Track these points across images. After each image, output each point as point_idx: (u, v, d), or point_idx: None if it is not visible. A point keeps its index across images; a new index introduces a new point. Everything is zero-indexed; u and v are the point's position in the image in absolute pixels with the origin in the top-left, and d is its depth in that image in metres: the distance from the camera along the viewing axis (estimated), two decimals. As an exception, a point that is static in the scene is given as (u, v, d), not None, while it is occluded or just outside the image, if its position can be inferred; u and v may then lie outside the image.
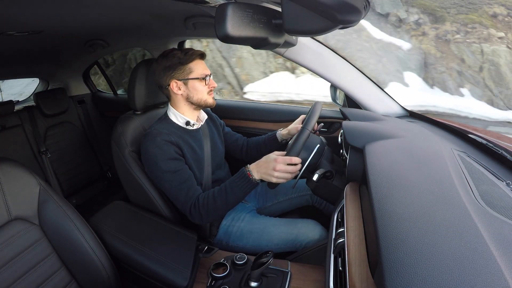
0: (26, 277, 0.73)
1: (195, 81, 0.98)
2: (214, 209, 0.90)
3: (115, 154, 1.07)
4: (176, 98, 1.01)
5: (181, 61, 0.96)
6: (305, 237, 0.99)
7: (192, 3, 0.87)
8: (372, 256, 0.55)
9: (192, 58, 0.97)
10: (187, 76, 0.97)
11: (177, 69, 0.96)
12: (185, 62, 0.96)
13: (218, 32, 0.60)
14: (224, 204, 0.89)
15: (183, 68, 0.97)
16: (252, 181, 0.86)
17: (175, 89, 0.98)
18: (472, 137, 0.93)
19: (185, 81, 0.98)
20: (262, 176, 0.86)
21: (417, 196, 0.56)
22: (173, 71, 0.96)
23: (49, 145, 1.92)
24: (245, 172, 0.87)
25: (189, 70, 0.97)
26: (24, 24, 0.96)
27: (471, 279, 0.37)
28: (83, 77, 2.21)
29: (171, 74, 0.97)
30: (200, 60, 1.00)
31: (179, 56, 0.96)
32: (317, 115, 0.95)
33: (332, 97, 1.46)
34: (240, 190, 0.87)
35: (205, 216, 0.91)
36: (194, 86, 0.98)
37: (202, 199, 0.91)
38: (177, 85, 0.98)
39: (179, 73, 0.97)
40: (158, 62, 0.98)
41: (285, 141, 1.20)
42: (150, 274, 0.85)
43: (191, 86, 0.98)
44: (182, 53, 0.97)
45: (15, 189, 0.76)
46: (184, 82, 0.98)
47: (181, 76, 0.97)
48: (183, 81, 0.98)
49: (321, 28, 0.60)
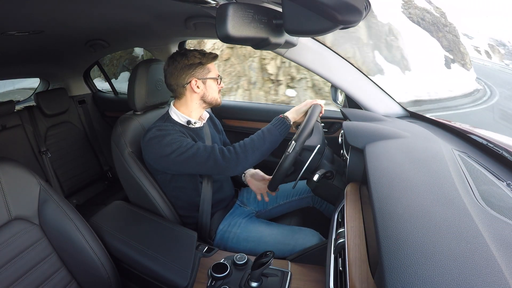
0: (26, 277, 0.73)
1: (212, 80, 1.03)
2: (252, 148, 0.93)
3: (115, 155, 1.07)
4: (191, 96, 1.03)
5: (201, 61, 1.00)
6: (302, 247, 0.97)
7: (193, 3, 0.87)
8: (372, 256, 0.55)
9: (210, 59, 1.02)
10: (206, 75, 1.02)
11: (198, 68, 1.00)
12: (205, 62, 1.01)
13: (218, 32, 0.61)
14: (262, 143, 0.94)
15: (203, 68, 1.01)
16: (286, 122, 0.98)
17: (194, 87, 1.01)
18: (472, 137, 0.93)
19: (204, 80, 1.02)
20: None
21: (417, 196, 0.56)
22: (194, 70, 1.00)
23: (50, 145, 1.92)
24: (279, 117, 1.00)
25: (208, 70, 1.02)
26: (25, 24, 0.96)
27: (472, 279, 0.37)
28: (83, 77, 2.22)
29: (191, 72, 1.00)
30: (214, 62, 1.05)
31: (199, 56, 1.00)
32: (311, 124, 0.96)
33: (332, 97, 1.46)
34: (276, 129, 0.96)
35: (242, 156, 0.92)
36: (211, 85, 1.04)
37: (238, 144, 0.95)
38: (196, 84, 1.01)
39: (199, 72, 1.01)
40: (176, 61, 1.00)
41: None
42: (150, 274, 0.85)
43: (208, 85, 1.03)
44: (200, 53, 1.01)
45: (16, 189, 0.76)
46: (203, 81, 1.01)
47: (201, 75, 1.01)
48: (202, 80, 1.01)
49: (322, 29, 0.60)
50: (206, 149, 0.93)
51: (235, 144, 0.95)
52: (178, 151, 0.92)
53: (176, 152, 0.92)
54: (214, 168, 0.93)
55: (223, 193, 1.14)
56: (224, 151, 0.93)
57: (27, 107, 1.92)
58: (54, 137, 1.95)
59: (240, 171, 0.94)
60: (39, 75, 2.15)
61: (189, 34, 1.46)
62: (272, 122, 0.99)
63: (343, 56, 1.28)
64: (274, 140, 0.96)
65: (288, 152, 0.92)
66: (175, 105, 1.05)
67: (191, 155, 0.92)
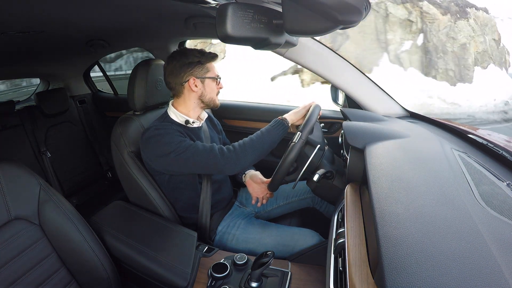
0: (26, 277, 0.73)
1: (210, 80, 1.03)
2: (251, 147, 0.94)
3: (114, 155, 1.07)
4: (189, 95, 1.03)
5: (200, 60, 1.00)
6: (302, 248, 0.97)
7: (193, 3, 0.87)
8: (372, 256, 0.55)
9: (209, 59, 1.02)
10: (205, 74, 1.01)
11: (196, 67, 1.00)
12: (204, 61, 1.01)
13: (218, 32, 0.61)
14: (261, 144, 0.95)
15: (202, 67, 1.01)
16: (285, 124, 1.00)
17: (192, 86, 1.00)
18: (472, 137, 0.93)
19: (202, 79, 1.01)
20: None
21: (417, 196, 0.56)
22: (192, 69, 0.99)
23: (50, 145, 1.92)
24: (278, 119, 1.02)
25: (207, 69, 1.02)
26: (25, 24, 0.96)
27: (472, 279, 0.37)
28: (83, 77, 2.21)
29: (190, 71, 0.99)
30: (214, 61, 1.05)
31: (198, 55, 1.00)
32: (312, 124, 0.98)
33: (332, 97, 1.46)
34: (275, 131, 0.98)
35: (241, 155, 0.93)
36: (209, 85, 1.03)
37: (237, 143, 0.96)
38: (194, 82, 1.00)
39: (198, 71, 1.00)
40: (175, 59, 1.00)
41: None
42: (150, 274, 0.85)
43: (206, 84, 1.02)
44: (199, 52, 1.01)
45: (16, 189, 0.76)
46: (201, 80, 1.01)
47: (199, 74, 1.00)
48: (201, 79, 1.01)
49: (322, 29, 0.60)
50: (205, 148, 0.93)
51: (235, 144, 0.96)
52: (176, 151, 0.91)
53: (175, 152, 0.92)
54: (213, 167, 0.93)
55: (221, 193, 1.14)
56: (224, 150, 0.93)
57: (27, 107, 1.92)
58: (54, 137, 1.95)
59: (239, 169, 0.95)
60: (39, 75, 2.15)
61: (189, 34, 1.46)
62: (271, 123, 1.00)
63: (343, 56, 1.28)
64: (273, 141, 0.97)
65: (294, 141, 0.95)
66: (174, 104, 1.05)
67: (190, 155, 0.92)
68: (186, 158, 0.92)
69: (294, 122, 1.07)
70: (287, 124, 1.01)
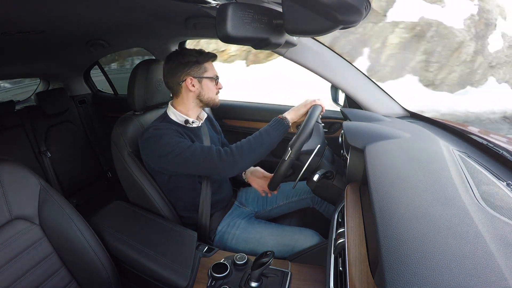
0: (26, 277, 0.73)
1: (208, 80, 1.02)
2: (249, 149, 0.92)
3: (114, 155, 1.07)
4: (187, 95, 1.02)
5: (198, 60, 1.00)
6: (302, 248, 0.97)
7: (193, 3, 0.87)
8: (372, 256, 0.55)
9: (207, 58, 1.02)
10: (202, 74, 1.01)
11: (194, 67, 1.00)
12: (201, 61, 1.00)
13: (218, 32, 0.61)
14: (259, 145, 0.93)
15: (199, 67, 1.00)
16: (284, 123, 0.97)
17: (190, 86, 1.00)
18: (472, 137, 0.93)
19: (200, 79, 1.01)
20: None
21: (417, 196, 0.56)
22: (189, 68, 0.99)
23: (50, 145, 1.92)
24: (277, 118, 0.99)
25: (204, 69, 1.01)
26: (25, 24, 0.96)
27: (471, 279, 0.37)
28: (83, 77, 2.22)
29: (187, 70, 0.99)
30: (212, 61, 1.04)
31: (196, 55, 1.00)
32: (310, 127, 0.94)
33: (332, 97, 1.46)
34: (274, 131, 0.95)
35: (238, 158, 0.91)
36: (207, 85, 1.02)
37: (235, 145, 0.94)
38: (191, 82, 1.00)
39: (195, 71, 1.00)
40: (172, 59, 1.00)
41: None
42: (150, 274, 0.85)
43: (204, 84, 1.02)
44: (197, 52, 1.00)
45: (16, 188, 0.76)
46: (198, 80, 1.01)
47: (196, 73, 1.00)
48: (198, 78, 1.01)
49: (322, 29, 0.60)
50: (203, 150, 0.93)
51: (232, 145, 0.94)
52: (175, 152, 0.91)
53: (173, 153, 0.91)
54: (210, 169, 0.93)
55: (221, 193, 1.14)
56: (221, 152, 0.92)
57: (27, 107, 1.93)
58: (54, 137, 1.95)
59: (236, 172, 0.94)
60: (39, 75, 2.15)
61: (189, 34, 1.46)
62: (270, 123, 0.98)
63: (343, 56, 1.28)
64: (272, 142, 0.95)
65: (284, 159, 0.92)
66: (173, 104, 1.05)
67: (188, 156, 0.91)
68: (184, 159, 0.92)
69: (295, 120, 1.03)
70: (287, 123, 0.98)
